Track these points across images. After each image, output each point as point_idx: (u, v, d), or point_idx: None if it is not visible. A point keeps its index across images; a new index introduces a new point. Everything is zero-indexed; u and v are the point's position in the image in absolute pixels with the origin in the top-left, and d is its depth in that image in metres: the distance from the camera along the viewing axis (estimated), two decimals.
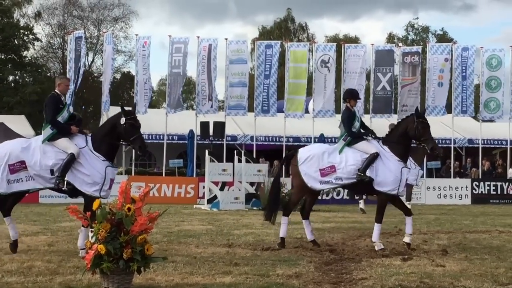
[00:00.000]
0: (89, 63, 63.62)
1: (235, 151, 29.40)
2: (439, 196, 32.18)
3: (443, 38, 71.16)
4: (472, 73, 34.83)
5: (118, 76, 66.40)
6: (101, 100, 33.42)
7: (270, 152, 37.37)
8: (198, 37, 33.86)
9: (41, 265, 10.94)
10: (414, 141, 13.85)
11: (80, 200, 12.28)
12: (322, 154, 14.15)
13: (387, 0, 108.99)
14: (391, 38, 75.92)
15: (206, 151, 28.14)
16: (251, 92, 34.58)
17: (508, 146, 36.09)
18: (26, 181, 12.38)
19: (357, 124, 14.24)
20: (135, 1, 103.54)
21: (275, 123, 35.36)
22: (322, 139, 34.69)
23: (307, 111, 36.24)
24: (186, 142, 34.63)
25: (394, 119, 32.92)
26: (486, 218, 22.62)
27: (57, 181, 12.20)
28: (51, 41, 65.34)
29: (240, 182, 27.25)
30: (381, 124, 32.88)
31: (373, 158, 13.61)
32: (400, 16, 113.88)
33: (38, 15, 63.96)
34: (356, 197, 25.81)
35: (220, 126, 32.44)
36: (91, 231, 8.96)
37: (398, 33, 78.75)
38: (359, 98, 15.08)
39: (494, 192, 33.71)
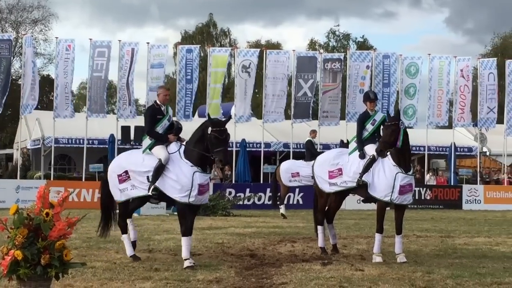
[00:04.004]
0: None
1: None
2: (358, 202, 32.49)
3: (363, 45, 72.15)
4: (395, 81, 35.40)
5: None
6: (19, 104, 32.76)
7: None
8: (120, 40, 33.59)
9: None
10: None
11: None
12: (333, 156, 14.10)
13: (308, 7, 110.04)
14: (312, 45, 76.61)
15: None
16: (173, 96, 34.42)
17: (426, 152, 36.80)
18: (131, 189, 12.73)
19: (370, 127, 13.85)
20: (55, 3, 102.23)
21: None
22: (243, 144, 34.79)
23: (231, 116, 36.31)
24: (107, 146, 34.28)
25: (315, 124, 33.24)
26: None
27: (149, 187, 12.36)
28: None
29: None
30: (302, 129, 33.23)
31: (371, 161, 13.31)
32: (321, 22, 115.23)
33: None
34: (277, 202, 25.91)
35: (141, 131, 32.09)
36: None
37: (319, 39, 79.53)
38: (374, 99, 14.20)
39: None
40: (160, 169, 12.21)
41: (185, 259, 11.79)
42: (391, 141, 12.95)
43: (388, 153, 13.26)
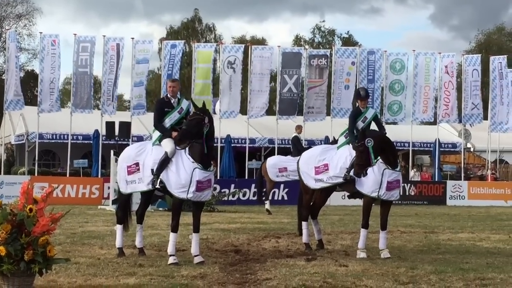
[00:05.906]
0: None
1: None
2: (343, 197, 32.60)
3: (348, 41, 72.23)
4: (380, 77, 35.37)
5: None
6: (3, 99, 32.59)
7: None
8: (104, 36, 33.45)
9: None
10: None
11: None
12: (319, 152, 14.08)
13: (293, 2, 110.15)
14: (297, 40, 76.63)
15: (112, 152, 27.79)
16: (158, 92, 34.35)
17: (410, 148, 36.89)
18: (138, 183, 12.51)
19: (360, 124, 13.92)
20: None
21: None
22: (228, 140, 34.77)
23: (214, 112, 36.29)
24: (91, 142, 34.19)
25: (300, 120, 33.23)
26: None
27: (153, 179, 12.15)
28: None
29: None
30: (287, 125, 33.23)
31: None
32: (306, 18, 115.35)
33: None
34: (263, 198, 25.89)
35: (125, 126, 32.14)
36: None
37: (304, 35, 79.45)
38: (365, 97, 14.33)
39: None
40: (165, 162, 12.05)
41: (170, 255, 11.77)
42: (364, 161, 12.84)
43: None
